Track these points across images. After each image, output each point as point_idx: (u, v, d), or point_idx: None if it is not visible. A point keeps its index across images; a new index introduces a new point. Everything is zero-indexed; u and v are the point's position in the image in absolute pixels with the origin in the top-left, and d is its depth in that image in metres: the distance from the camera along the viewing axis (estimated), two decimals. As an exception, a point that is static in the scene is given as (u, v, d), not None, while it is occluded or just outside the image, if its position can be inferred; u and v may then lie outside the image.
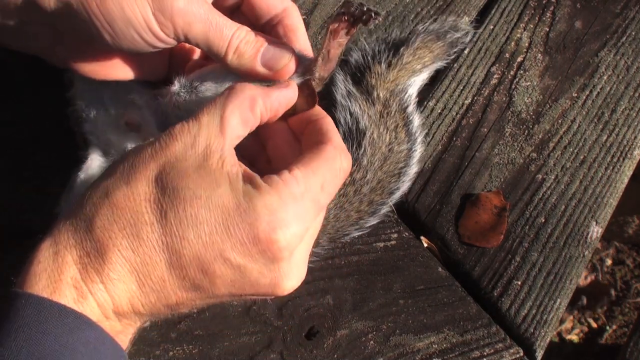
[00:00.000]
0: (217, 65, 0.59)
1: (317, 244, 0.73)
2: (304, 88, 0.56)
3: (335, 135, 0.54)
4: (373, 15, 0.53)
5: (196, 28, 0.54)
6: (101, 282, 0.45)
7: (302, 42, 0.60)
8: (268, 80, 0.57)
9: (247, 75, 0.57)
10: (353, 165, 0.75)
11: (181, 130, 0.49)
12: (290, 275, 0.50)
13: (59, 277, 0.45)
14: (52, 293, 0.44)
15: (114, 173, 0.48)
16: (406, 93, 0.79)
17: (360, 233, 0.75)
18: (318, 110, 0.58)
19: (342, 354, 0.71)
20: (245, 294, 0.50)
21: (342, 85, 0.78)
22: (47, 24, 0.55)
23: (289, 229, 0.47)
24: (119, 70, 0.60)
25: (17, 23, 0.56)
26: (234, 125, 0.50)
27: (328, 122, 0.56)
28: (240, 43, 0.55)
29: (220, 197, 0.47)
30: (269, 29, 0.60)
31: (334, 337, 0.72)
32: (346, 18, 0.54)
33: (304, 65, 0.57)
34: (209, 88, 0.58)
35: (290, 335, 0.71)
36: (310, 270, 0.74)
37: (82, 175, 0.63)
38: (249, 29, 0.56)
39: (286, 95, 0.55)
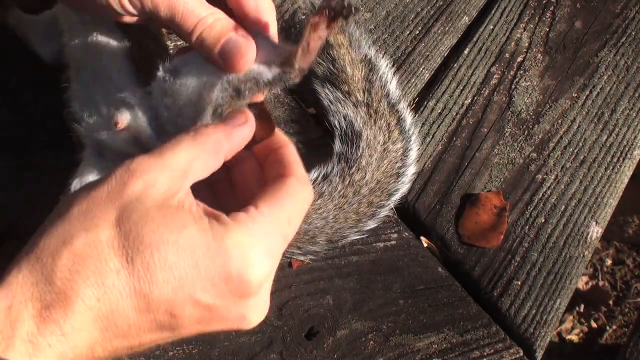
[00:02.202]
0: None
1: (315, 242, 0.73)
2: (261, 115, 0.57)
3: (297, 167, 0.54)
4: (353, 9, 0.54)
5: (162, 10, 0.55)
6: (62, 335, 0.43)
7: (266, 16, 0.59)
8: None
9: (210, 61, 0.57)
10: (352, 166, 0.75)
11: (141, 169, 0.46)
12: (258, 309, 0.50)
13: (12, 332, 0.42)
14: (4, 350, 0.42)
15: (68, 217, 0.46)
16: (388, 90, 0.79)
17: (359, 236, 0.75)
18: (278, 137, 0.57)
19: (342, 354, 0.71)
20: (212, 329, 0.49)
21: (325, 94, 0.78)
22: None
23: (261, 266, 0.47)
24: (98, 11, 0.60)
25: None
26: (198, 170, 0.49)
27: (289, 152, 0.55)
28: (205, 29, 0.56)
29: (188, 240, 0.45)
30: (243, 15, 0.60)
31: (334, 337, 0.72)
32: (326, 11, 0.55)
33: (284, 57, 0.58)
34: (191, 71, 0.58)
35: (290, 335, 0.71)
36: (310, 270, 0.74)
37: (77, 178, 0.63)
38: (220, 15, 0.57)
39: (245, 134, 0.54)
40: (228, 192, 0.56)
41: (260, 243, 0.47)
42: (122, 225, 0.45)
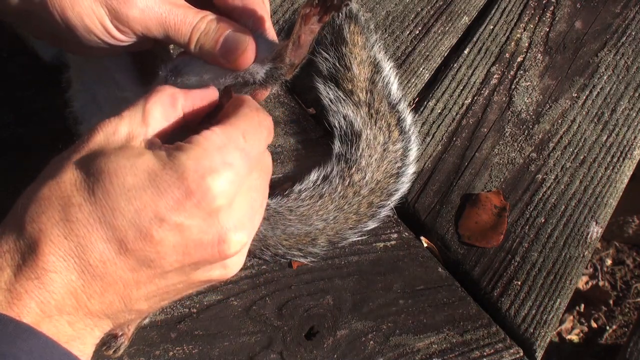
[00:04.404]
0: None
1: (315, 244, 0.73)
2: (226, 92, 0.57)
3: (251, 101, 0.54)
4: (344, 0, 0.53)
5: (154, 30, 0.56)
6: (36, 279, 0.43)
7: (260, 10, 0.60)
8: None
9: (214, 63, 0.58)
10: (352, 167, 0.75)
11: (103, 124, 0.49)
12: (233, 226, 0.48)
13: None
14: None
15: (42, 175, 0.49)
16: (390, 90, 0.80)
17: (359, 238, 0.75)
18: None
19: (342, 354, 0.71)
20: (193, 260, 0.48)
21: (325, 92, 0.78)
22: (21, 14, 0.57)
23: (219, 174, 0.47)
24: (102, 51, 0.61)
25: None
26: (157, 117, 0.50)
27: (247, 97, 0.56)
28: (201, 35, 0.57)
29: (145, 162, 0.46)
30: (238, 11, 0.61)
31: (334, 337, 0.72)
32: (317, 2, 0.54)
33: (276, 51, 0.57)
34: (193, 70, 0.58)
35: (290, 335, 0.71)
36: (310, 270, 0.74)
37: None
38: (211, 17, 0.57)
39: (207, 93, 0.55)
40: None
41: (214, 153, 0.48)
42: (84, 166, 0.47)
